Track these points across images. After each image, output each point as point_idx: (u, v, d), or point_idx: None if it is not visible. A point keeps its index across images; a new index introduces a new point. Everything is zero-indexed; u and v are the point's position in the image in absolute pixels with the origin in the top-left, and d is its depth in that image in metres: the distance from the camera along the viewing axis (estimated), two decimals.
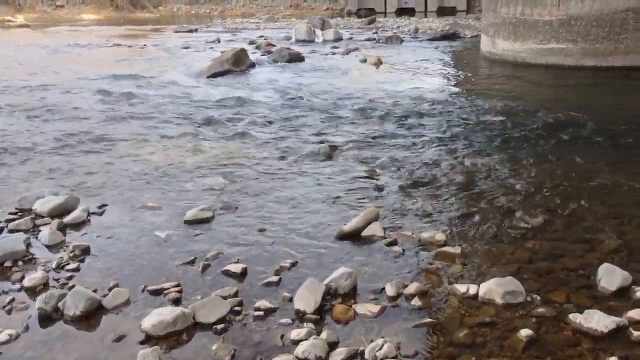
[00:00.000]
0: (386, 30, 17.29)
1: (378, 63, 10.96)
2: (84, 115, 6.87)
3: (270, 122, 6.38)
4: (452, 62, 11.69)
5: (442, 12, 21.61)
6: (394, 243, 3.31)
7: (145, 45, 14.48)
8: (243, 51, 10.79)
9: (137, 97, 7.83)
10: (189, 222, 3.68)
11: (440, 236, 3.36)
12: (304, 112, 6.86)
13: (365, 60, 11.26)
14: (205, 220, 3.70)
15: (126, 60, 11.82)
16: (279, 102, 7.47)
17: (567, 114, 6.41)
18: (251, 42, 14.22)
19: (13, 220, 3.74)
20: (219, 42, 14.79)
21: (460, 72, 10.63)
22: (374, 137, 5.68)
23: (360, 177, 4.52)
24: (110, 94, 8.03)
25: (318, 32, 15.36)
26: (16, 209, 3.94)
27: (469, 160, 4.90)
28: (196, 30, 18.43)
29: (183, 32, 18.04)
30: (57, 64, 11.40)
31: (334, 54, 12.57)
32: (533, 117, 6.34)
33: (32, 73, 10.26)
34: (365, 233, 3.41)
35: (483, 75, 10.21)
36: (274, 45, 13.23)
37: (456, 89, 8.76)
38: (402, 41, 14.63)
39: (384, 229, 3.47)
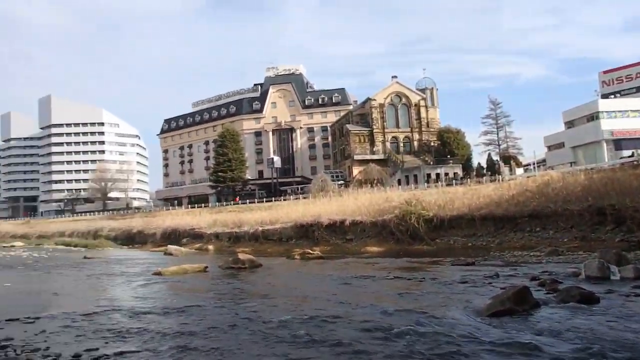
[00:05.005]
0: None
1: None
2: (366, 350, 6.93)
3: None
4: None
5: None
6: None
7: (423, 278, 14.83)
8: (525, 289, 10.04)
9: (414, 336, 7.70)
10: None
11: None
12: None
13: None
14: None
15: (404, 295, 12.11)
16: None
17: None
18: (533, 278, 13.29)
19: None
20: (497, 276, 14.25)
21: None
22: None
23: None
24: (389, 330, 8.08)
25: (613, 268, 13.55)
26: None
27: None
28: (473, 263, 18.31)
29: (460, 265, 18.12)
30: (343, 295, 12.35)
31: (637, 295, 10.70)
32: None
33: (321, 302, 11.27)
34: None
35: None
36: (561, 283, 12.07)
37: None
38: None
39: None
